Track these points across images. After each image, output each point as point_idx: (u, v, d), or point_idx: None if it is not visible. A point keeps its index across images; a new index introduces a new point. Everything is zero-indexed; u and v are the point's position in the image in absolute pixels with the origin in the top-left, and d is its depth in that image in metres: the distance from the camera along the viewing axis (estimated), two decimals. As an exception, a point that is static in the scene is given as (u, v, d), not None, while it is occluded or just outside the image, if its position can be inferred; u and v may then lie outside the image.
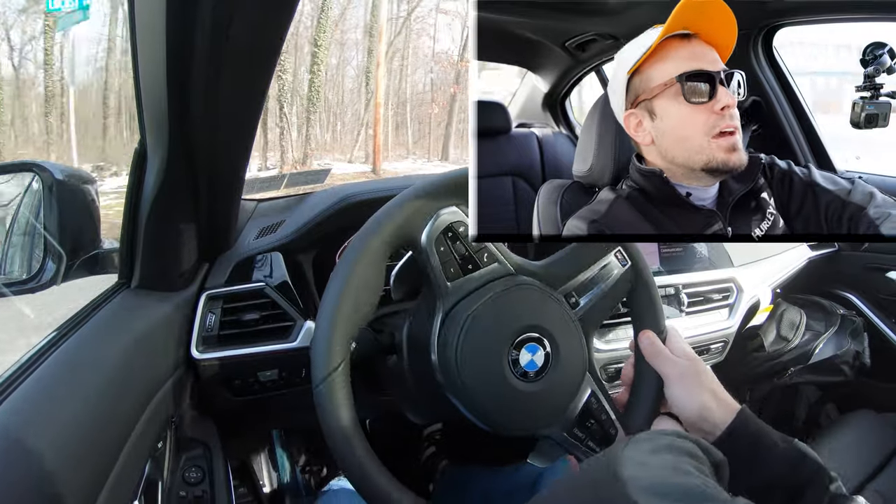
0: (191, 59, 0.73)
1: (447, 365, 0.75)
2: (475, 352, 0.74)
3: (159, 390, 0.92)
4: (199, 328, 1.07)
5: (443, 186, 0.76)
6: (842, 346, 1.79)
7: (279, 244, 1.18)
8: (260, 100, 0.86)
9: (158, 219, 0.95)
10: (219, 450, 1.11)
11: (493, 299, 0.76)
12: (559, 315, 0.79)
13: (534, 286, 0.79)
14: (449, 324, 0.76)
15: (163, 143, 0.85)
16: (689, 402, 0.77)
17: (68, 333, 0.84)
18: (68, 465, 0.65)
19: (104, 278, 1.02)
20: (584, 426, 0.81)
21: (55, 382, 0.73)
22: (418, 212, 0.75)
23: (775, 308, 1.82)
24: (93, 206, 0.96)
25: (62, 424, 0.68)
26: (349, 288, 0.71)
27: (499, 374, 0.74)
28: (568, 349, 0.78)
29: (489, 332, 0.75)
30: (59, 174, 0.90)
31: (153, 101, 0.83)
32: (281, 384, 1.13)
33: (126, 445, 0.77)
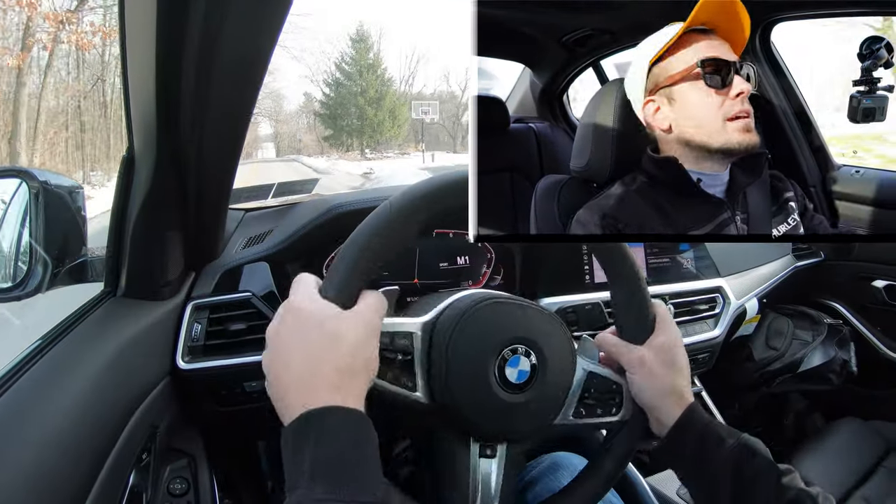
0: (180, 68, 0.73)
1: (433, 376, 0.74)
2: (470, 342, 0.74)
3: (144, 400, 0.91)
4: (185, 338, 1.07)
5: (439, 189, 0.75)
6: (829, 355, 1.80)
7: (266, 254, 1.17)
8: (249, 108, 0.87)
9: (145, 227, 0.94)
10: (204, 461, 1.10)
11: (479, 311, 0.76)
12: (548, 326, 0.79)
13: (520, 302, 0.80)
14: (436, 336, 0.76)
15: (151, 151, 0.85)
16: (646, 391, 0.80)
17: (53, 342, 0.84)
18: (52, 475, 0.65)
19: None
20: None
21: (39, 392, 0.73)
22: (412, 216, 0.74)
23: (763, 318, 1.84)
24: (79, 213, 0.95)
25: (46, 434, 0.68)
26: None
27: (483, 372, 0.73)
28: (556, 360, 0.77)
29: (487, 331, 0.75)
30: (46, 181, 0.89)
31: (142, 109, 0.83)
32: (266, 395, 1.13)
33: (110, 456, 0.77)
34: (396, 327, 0.73)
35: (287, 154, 46.54)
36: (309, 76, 61.17)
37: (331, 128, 48.47)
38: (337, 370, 0.60)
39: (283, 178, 1.91)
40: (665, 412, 0.78)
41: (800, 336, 1.85)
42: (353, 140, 48.11)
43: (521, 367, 0.75)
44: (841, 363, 1.80)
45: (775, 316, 1.90)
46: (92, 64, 19.35)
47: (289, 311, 0.64)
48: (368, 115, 46.61)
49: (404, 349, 0.73)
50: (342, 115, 47.94)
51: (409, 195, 0.70)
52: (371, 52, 47.51)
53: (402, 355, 0.73)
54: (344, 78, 47.90)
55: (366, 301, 0.67)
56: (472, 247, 1.38)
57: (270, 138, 50.77)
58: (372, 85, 47.16)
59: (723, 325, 1.52)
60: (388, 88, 48.63)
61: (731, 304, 1.54)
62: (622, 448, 0.84)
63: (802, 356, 1.79)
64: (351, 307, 0.65)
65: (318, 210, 1.20)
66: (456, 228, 1.34)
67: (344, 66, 47.87)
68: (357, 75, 47.06)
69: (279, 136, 51.33)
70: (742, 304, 1.61)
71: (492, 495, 0.77)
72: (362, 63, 47.00)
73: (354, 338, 0.62)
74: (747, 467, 0.72)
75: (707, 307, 1.52)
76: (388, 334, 0.72)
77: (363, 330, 0.64)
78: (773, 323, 1.89)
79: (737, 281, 1.62)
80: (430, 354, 0.74)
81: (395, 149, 48.55)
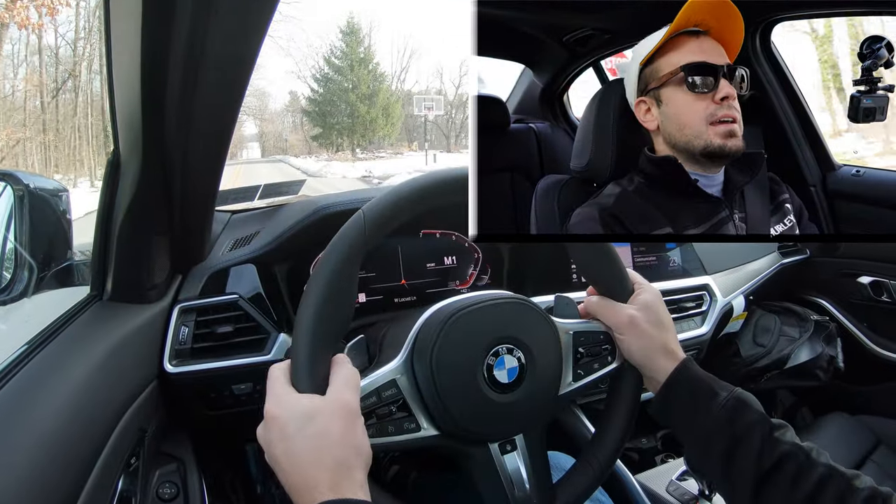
0: (165, 70, 0.73)
1: (422, 373, 0.74)
2: (451, 360, 0.73)
3: (132, 404, 0.91)
4: (172, 341, 1.06)
5: (434, 186, 0.75)
6: (816, 351, 1.81)
7: (253, 256, 1.17)
8: (234, 110, 0.86)
9: (132, 230, 0.94)
10: (193, 465, 1.10)
11: (474, 309, 0.76)
12: (537, 327, 0.79)
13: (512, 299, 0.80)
14: (425, 331, 0.76)
15: (137, 154, 0.85)
16: (637, 351, 0.81)
17: (39, 347, 0.83)
18: (40, 481, 0.64)
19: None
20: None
21: (26, 397, 0.72)
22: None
23: (750, 315, 1.85)
24: (64, 216, 0.95)
25: (34, 439, 0.67)
26: (327, 302, 0.69)
27: (473, 383, 0.74)
28: (545, 360, 0.78)
29: (465, 341, 0.75)
30: (31, 184, 0.89)
31: (127, 112, 0.82)
32: (255, 397, 1.12)
33: (99, 461, 0.76)
34: (378, 382, 0.73)
35: (273, 154, 45.08)
36: (296, 72, 59.69)
37: (319, 126, 46.64)
38: (331, 469, 0.61)
39: (270, 181, 1.90)
40: (658, 369, 0.79)
41: (787, 332, 1.85)
42: (344, 139, 46.31)
43: (509, 366, 0.75)
44: (828, 359, 1.81)
45: (762, 313, 1.90)
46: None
47: (269, 418, 0.64)
48: (360, 112, 44.50)
49: (394, 398, 0.73)
50: (332, 113, 45.89)
51: (342, 236, 0.70)
52: (362, 45, 45.20)
53: (394, 404, 0.73)
54: (333, 73, 45.69)
55: (338, 380, 0.67)
56: (459, 247, 1.38)
57: (255, 138, 49.31)
58: (364, 80, 44.86)
59: (710, 323, 1.53)
60: (380, 84, 46.47)
61: (718, 302, 1.55)
62: (630, 392, 0.84)
63: (789, 353, 1.80)
64: (326, 388, 0.66)
65: (305, 211, 1.20)
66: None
67: (334, 60, 45.72)
68: (348, 70, 44.71)
69: (264, 136, 49.76)
70: (729, 301, 1.62)
71: (526, 488, 0.78)
72: (353, 57, 44.67)
73: (339, 430, 0.63)
74: (740, 420, 0.73)
75: (694, 305, 1.53)
76: (374, 392, 0.72)
77: (345, 418, 0.64)
78: (761, 320, 1.89)
79: (723, 278, 1.63)
80: (418, 388, 0.74)
81: (388, 148, 46.91)
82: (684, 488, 1.19)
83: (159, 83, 0.74)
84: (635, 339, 0.80)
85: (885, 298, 1.80)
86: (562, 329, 0.81)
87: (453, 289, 1.37)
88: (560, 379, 0.80)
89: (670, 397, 0.78)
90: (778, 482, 0.69)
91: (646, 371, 0.81)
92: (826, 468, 0.68)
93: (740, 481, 0.71)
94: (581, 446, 0.88)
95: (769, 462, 0.69)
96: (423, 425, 0.74)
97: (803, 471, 0.68)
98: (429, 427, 0.74)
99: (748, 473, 0.70)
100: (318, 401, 0.64)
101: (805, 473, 0.68)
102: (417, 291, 1.34)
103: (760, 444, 0.71)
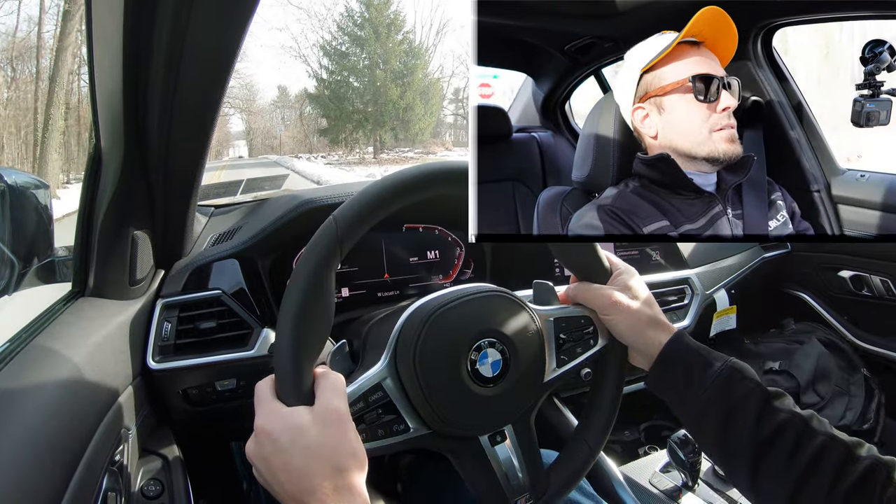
0: (147, 65, 0.73)
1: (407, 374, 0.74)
2: (434, 359, 0.73)
3: (115, 401, 0.90)
4: (155, 337, 1.06)
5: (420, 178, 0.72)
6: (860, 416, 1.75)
7: (235, 251, 1.17)
8: (216, 105, 0.86)
9: (114, 225, 0.94)
10: (178, 462, 1.09)
11: (454, 305, 0.76)
12: (518, 317, 0.79)
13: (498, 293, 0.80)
14: (407, 330, 0.76)
15: (118, 149, 0.84)
16: (626, 328, 0.81)
17: (21, 344, 0.82)
18: (24, 481, 0.64)
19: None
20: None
21: (7, 395, 0.72)
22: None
23: (806, 345, 1.86)
24: (46, 212, 0.94)
25: (16, 438, 0.66)
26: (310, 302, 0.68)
27: (458, 380, 0.74)
28: (527, 350, 0.78)
29: (446, 338, 0.75)
30: (12, 179, 0.88)
31: (109, 106, 0.82)
32: (239, 393, 1.12)
33: (83, 459, 0.75)
34: (364, 387, 0.72)
35: (262, 154, 38.59)
36: (294, 49, 47.61)
37: (331, 115, 34.87)
38: (330, 477, 0.61)
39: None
40: (650, 343, 0.79)
41: (840, 385, 1.80)
42: (361, 133, 35.15)
43: (493, 360, 0.75)
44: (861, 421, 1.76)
45: (822, 350, 1.86)
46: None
47: (261, 434, 0.64)
48: (392, 97, 32.70)
49: (381, 401, 0.73)
50: (348, 97, 34.04)
51: (316, 242, 0.69)
52: (390, 7, 33.17)
53: (382, 407, 0.73)
54: (351, 44, 33.88)
55: (325, 389, 0.67)
56: (442, 241, 1.38)
57: (242, 135, 43.68)
58: (395, 54, 33.19)
59: (692, 316, 1.54)
60: (417, 60, 34.07)
61: (699, 295, 1.57)
62: (615, 371, 0.85)
63: (841, 413, 1.75)
64: (313, 399, 0.66)
65: (288, 206, 1.19)
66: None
67: (352, 27, 33.78)
68: (372, 39, 32.76)
69: (252, 132, 43.20)
70: (710, 294, 1.64)
71: (519, 476, 0.79)
72: (379, 22, 32.74)
73: (333, 438, 0.63)
74: (735, 390, 0.72)
75: (676, 298, 1.55)
76: (361, 398, 0.71)
77: (337, 425, 0.64)
78: (822, 360, 1.84)
79: (705, 272, 1.64)
80: (404, 389, 0.74)
81: (419, 146, 35.96)
82: (668, 480, 1.20)
83: (141, 76, 0.74)
84: (623, 317, 0.80)
85: (865, 292, 1.83)
86: (542, 316, 0.81)
87: (436, 283, 1.38)
88: (544, 366, 0.80)
89: (665, 368, 0.78)
90: (776, 451, 0.68)
91: (638, 346, 0.81)
92: (826, 436, 0.67)
93: (738, 451, 0.71)
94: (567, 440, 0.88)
95: (767, 431, 0.69)
96: (412, 425, 0.74)
97: (802, 439, 0.67)
98: (418, 427, 0.74)
99: (745, 443, 0.70)
100: (308, 411, 0.64)
101: (804, 442, 0.67)
102: (400, 286, 1.34)
103: (757, 413, 0.70)
